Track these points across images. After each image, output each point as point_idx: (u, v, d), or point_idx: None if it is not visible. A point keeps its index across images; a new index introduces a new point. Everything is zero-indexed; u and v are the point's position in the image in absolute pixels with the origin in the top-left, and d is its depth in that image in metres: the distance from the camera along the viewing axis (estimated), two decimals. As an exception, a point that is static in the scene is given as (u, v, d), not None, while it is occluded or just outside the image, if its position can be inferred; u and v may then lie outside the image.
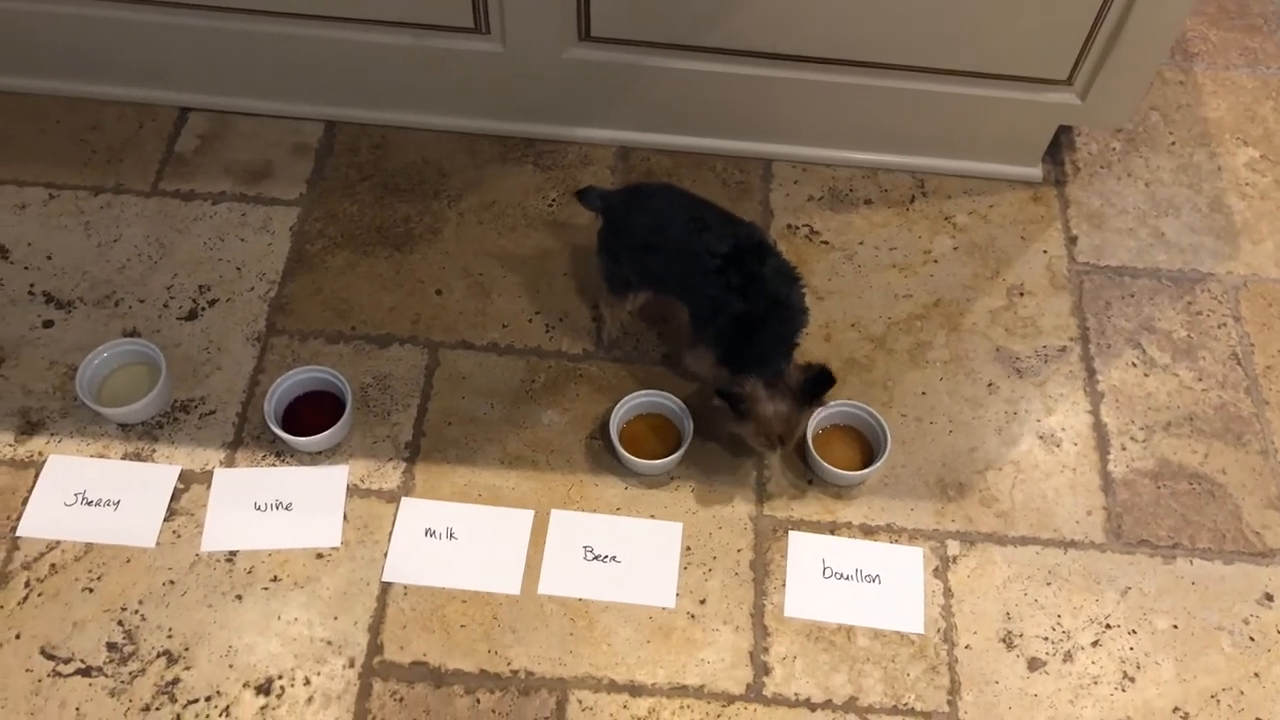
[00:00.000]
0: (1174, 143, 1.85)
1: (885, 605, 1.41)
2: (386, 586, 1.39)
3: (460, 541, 1.42)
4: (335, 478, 1.46)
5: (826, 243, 1.71)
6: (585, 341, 1.59)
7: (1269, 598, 1.43)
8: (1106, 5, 1.49)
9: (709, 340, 1.43)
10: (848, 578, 1.43)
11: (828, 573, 1.43)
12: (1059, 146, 1.81)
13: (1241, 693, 1.36)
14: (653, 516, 1.46)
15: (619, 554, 1.43)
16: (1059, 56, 1.57)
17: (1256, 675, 1.37)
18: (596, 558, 1.42)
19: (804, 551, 1.45)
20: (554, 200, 1.73)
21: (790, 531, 1.45)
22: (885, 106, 1.69)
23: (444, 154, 1.77)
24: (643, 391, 1.51)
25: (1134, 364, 1.61)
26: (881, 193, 1.76)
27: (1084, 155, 1.82)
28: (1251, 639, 1.40)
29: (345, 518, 1.43)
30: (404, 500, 1.45)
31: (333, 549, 1.41)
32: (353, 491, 1.46)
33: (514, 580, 1.40)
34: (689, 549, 1.44)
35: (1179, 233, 1.74)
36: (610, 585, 1.40)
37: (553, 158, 1.78)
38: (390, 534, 1.42)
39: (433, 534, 1.42)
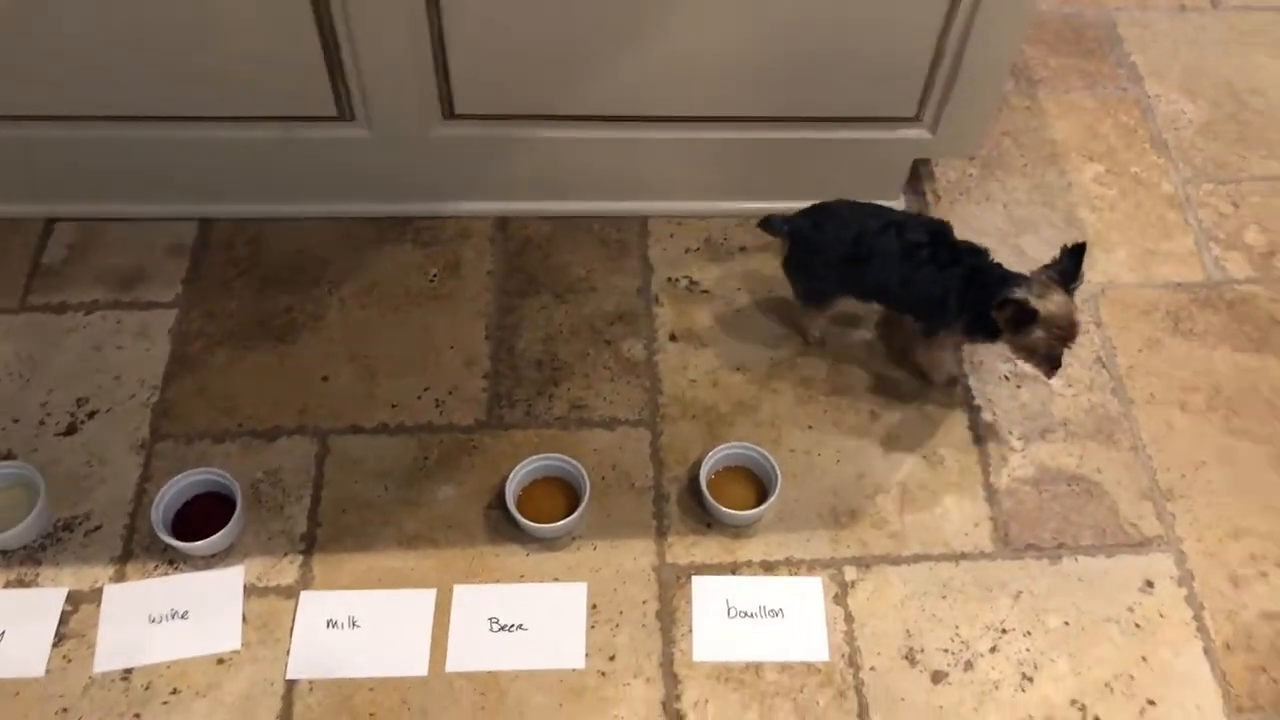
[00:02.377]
0: (1026, 164, 1.94)
1: (790, 638, 1.44)
2: (291, 684, 1.38)
3: (364, 629, 1.41)
4: (231, 580, 1.44)
5: (707, 292, 1.76)
6: (477, 412, 1.61)
7: (1149, 584, 1.49)
8: (943, 46, 1.58)
9: (950, 322, 1.53)
10: (752, 615, 1.46)
11: (732, 612, 1.46)
12: (919, 177, 1.89)
13: (1132, 677, 1.42)
14: (556, 580, 1.47)
15: (525, 621, 1.44)
16: (905, 95, 1.65)
17: (1144, 659, 1.43)
18: (503, 628, 1.43)
19: (708, 595, 1.47)
20: (435, 275, 1.75)
21: (693, 576, 1.48)
22: (749, 157, 1.75)
23: (321, 241, 1.79)
24: (537, 456, 1.53)
25: (1007, 377, 1.68)
26: (756, 238, 1.81)
27: (943, 183, 1.91)
28: (1137, 625, 1.45)
29: (244, 619, 1.42)
30: (303, 594, 1.44)
31: (233, 652, 1.40)
32: (250, 591, 1.45)
33: (421, 661, 1.39)
34: (595, 607, 1.46)
35: (1039, 248, 1.82)
36: (519, 654, 1.41)
37: (431, 234, 1.81)
38: (291, 630, 1.41)
39: (335, 624, 1.42)
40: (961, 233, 1.80)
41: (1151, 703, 1.40)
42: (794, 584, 1.49)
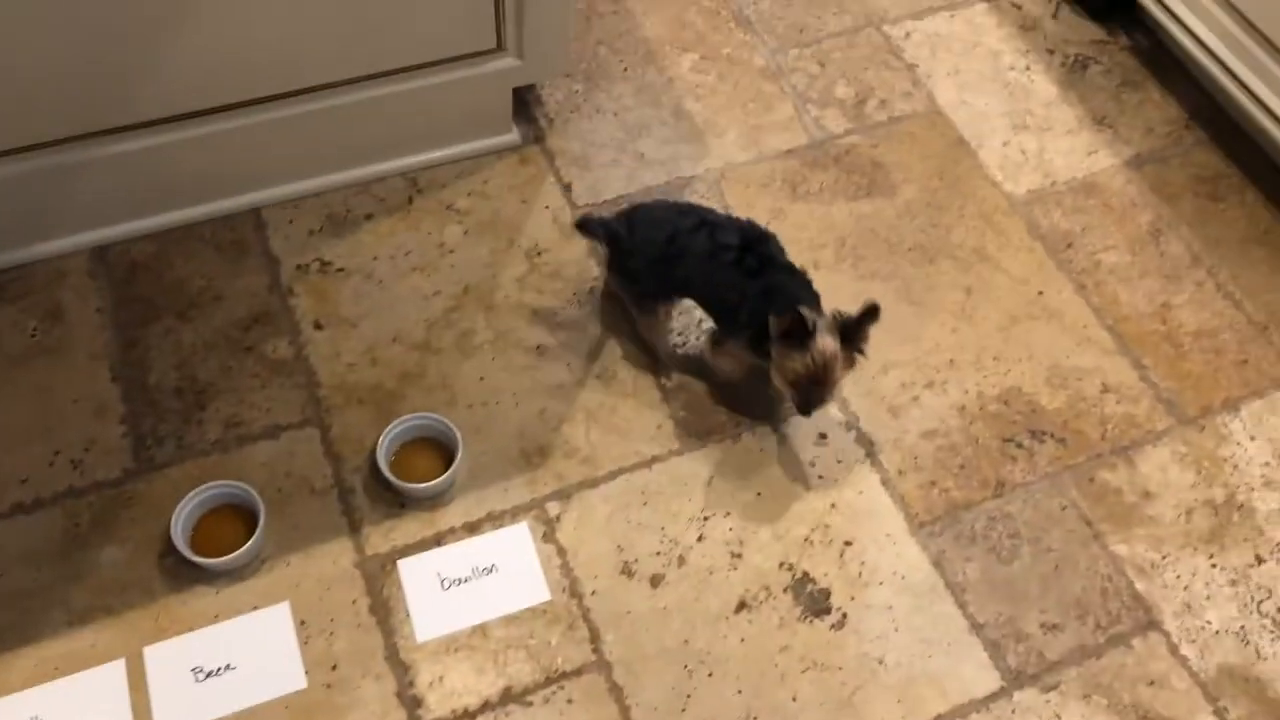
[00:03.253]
0: (626, 69, 1.98)
1: (509, 589, 1.44)
2: (-15, 808, 1.26)
3: (53, 725, 1.30)
4: (-120, 722, 1.28)
5: (342, 270, 1.69)
6: (122, 461, 1.48)
7: (823, 436, 1.60)
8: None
9: (738, 332, 1.49)
10: (466, 580, 1.45)
11: (446, 584, 1.44)
12: (527, 105, 1.89)
13: (828, 526, 1.52)
14: (255, 608, 1.40)
15: (233, 660, 1.36)
16: (480, 28, 1.62)
17: (833, 506, 1.54)
18: (210, 674, 1.34)
19: (417, 574, 1.44)
20: (36, 329, 1.58)
21: (398, 561, 1.45)
22: (348, 122, 1.67)
23: (-109, 322, 1.57)
24: (199, 489, 1.44)
25: (655, 279, 1.74)
26: (379, 203, 1.76)
27: (552, 106, 1.91)
28: (821, 477, 1.56)
29: (-91, 759, 1.27)
30: (-28, 710, 1.31)
31: (-95, 799, 1.25)
32: (-92, 727, 1.29)
33: (126, 737, 1.30)
34: (303, 623, 1.40)
35: (656, 149, 1.87)
36: (235, 695, 1.33)
37: (19, 285, 1.62)
38: (-31, 752, 1.28)
39: (17, 732, 1.29)
40: (581, 152, 1.84)
41: (848, 543, 1.51)
42: (501, 536, 1.48)
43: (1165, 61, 2.04)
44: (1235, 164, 1.94)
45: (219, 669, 1.35)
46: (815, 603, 1.46)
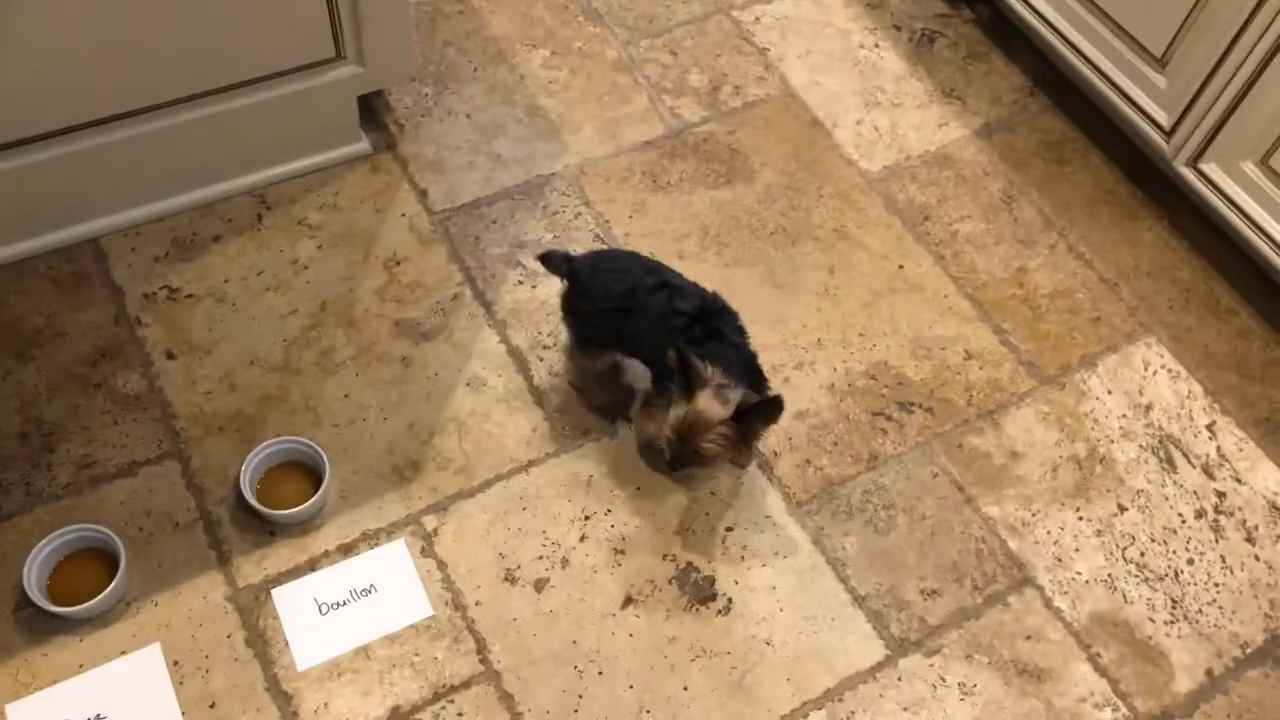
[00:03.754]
0: (475, 69, 1.95)
1: (390, 608, 1.41)
2: None
3: (-94, 800, 1.23)
4: None
5: (192, 295, 1.63)
6: (-33, 514, 1.41)
7: (699, 426, 1.61)
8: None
9: (669, 391, 1.42)
10: (344, 603, 1.41)
11: (324, 608, 1.40)
12: (376, 111, 1.85)
13: (707, 513, 1.52)
14: (124, 653, 1.34)
15: (103, 709, 1.30)
16: (317, 37, 1.58)
17: (711, 493, 1.54)
18: (78, 728, 1.29)
19: (293, 602, 1.40)
20: None
21: (272, 590, 1.40)
22: (189, 141, 1.61)
23: None
24: (52, 535, 1.37)
25: (520, 281, 1.71)
26: (227, 224, 1.70)
27: (402, 111, 1.87)
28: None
29: None
30: None
31: None
32: None
33: (-9, 804, 1.24)
34: (176, 663, 1.34)
35: (512, 148, 1.85)
36: (105, 747, 1.29)
37: None
38: None
39: None
40: (435, 156, 1.81)
41: (729, 529, 1.52)
42: (377, 555, 1.45)
43: (1007, 32, 2.10)
44: (1079, 128, 2.01)
45: (88, 721, 1.29)
46: (700, 591, 1.47)
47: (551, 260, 1.55)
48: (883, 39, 2.09)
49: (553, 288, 1.69)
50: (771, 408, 1.38)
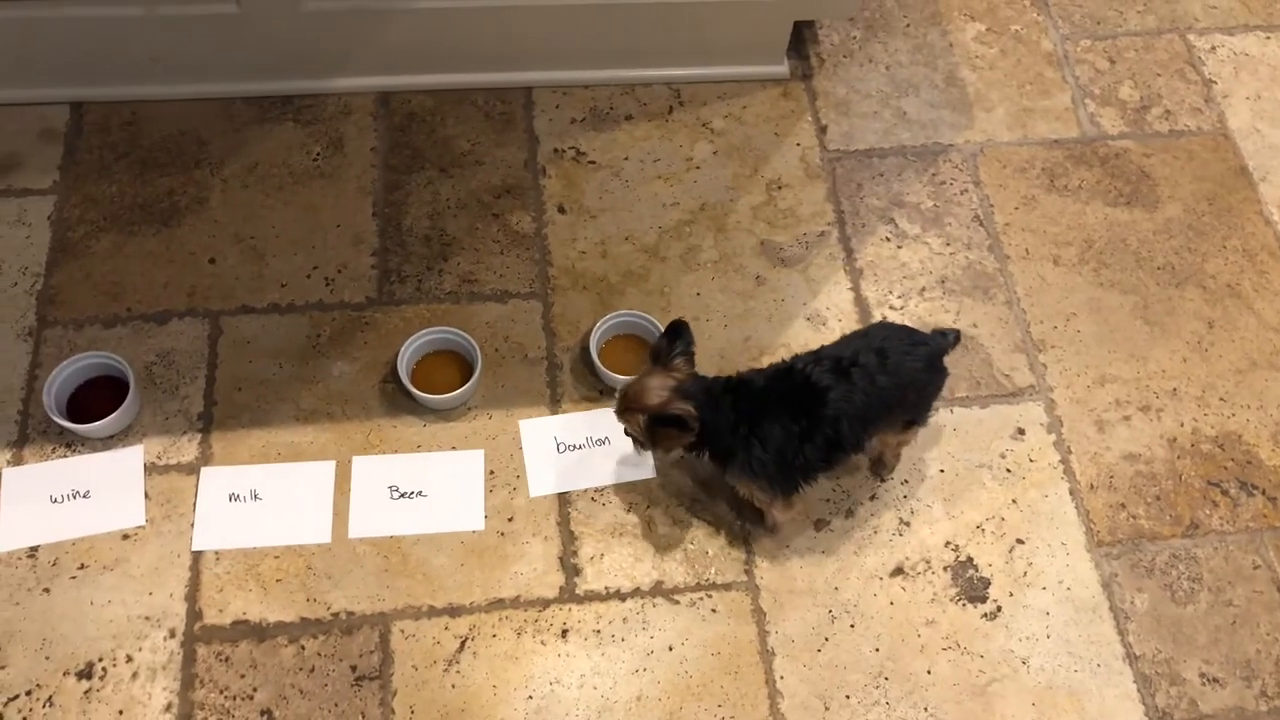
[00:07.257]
0: (908, 25, 1.95)
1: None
2: (198, 555, 1.42)
3: (265, 501, 1.45)
4: (130, 459, 1.46)
5: (594, 162, 1.77)
6: (367, 289, 1.62)
7: (1021, 432, 1.58)
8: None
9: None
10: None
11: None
12: (803, 41, 1.90)
13: (1003, 519, 1.51)
14: (454, 448, 1.51)
15: (424, 488, 1.48)
16: (781, -45, 1.65)
17: (1014, 501, 1.52)
18: (403, 495, 1.47)
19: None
20: (318, 155, 1.73)
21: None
22: (633, 23, 1.74)
23: (200, 122, 1.75)
24: (428, 330, 1.55)
25: (888, 238, 1.73)
26: (641, 107, 1.82)
27: (827, 47, 1.91)
28: (1009, 470, 1.54)
29: (147, 496, 1.45)
30: (204, 470, 1.47)
31: (138, 528, 1.43)
32: (151, 469, 1.47)
33: (324, 530, 1.44)
34: (492, 473, 1.50)
35: (919, 110, 1.85)
36: (419, 519, 1.46)
37: (312, 112, 1.77)
38: (194, 504, 1.44)
39: (237, 498, 1.45)
40: (844, 97, 1.85)
41: (1020, 541, 1.50)
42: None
43: None
44: None
45: (411, 493, 1.47)
46: (973, 588, 1.46)
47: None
48: (1348, 104, 1.91)
49: (916, 253, 1.70)
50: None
